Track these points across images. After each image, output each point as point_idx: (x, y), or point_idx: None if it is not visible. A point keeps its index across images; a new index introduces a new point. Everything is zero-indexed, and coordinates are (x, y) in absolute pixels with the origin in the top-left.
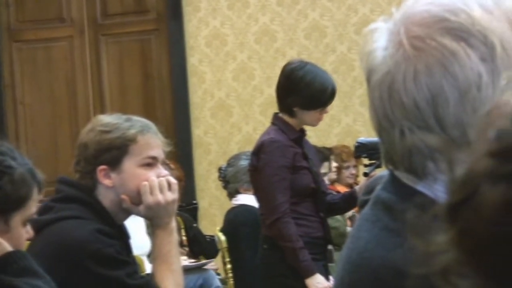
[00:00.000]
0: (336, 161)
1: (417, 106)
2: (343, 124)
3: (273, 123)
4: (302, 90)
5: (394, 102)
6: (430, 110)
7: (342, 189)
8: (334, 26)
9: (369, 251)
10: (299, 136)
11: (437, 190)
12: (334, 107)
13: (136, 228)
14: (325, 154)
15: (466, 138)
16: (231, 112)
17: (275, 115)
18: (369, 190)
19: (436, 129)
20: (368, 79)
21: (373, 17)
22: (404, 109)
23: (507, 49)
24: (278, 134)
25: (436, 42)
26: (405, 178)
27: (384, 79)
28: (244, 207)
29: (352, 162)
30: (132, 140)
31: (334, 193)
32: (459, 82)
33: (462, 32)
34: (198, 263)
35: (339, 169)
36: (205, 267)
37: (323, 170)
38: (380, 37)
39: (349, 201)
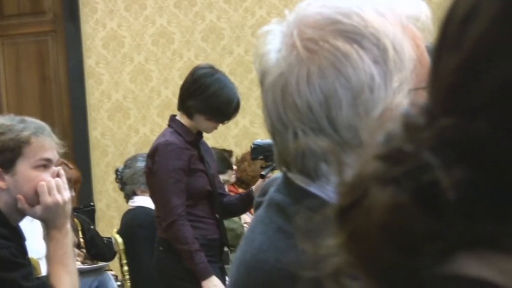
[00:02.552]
0: (252, 172)
1: (310, 108)
2: (240, 126)
3: (169, 125)
4: (207, 98)
5: (287, 104)
6: (323, 112)
7: (243, 190)
8: (231, 28)
9: (263, 253)
10: (196, 139)
11: (330, 191)
12: None
13: (32, 231)
14: (229, 162)
15: (359, 140)
16: (128, 114)
17: (172, 117)
18: (264, 192)
19: (329, 131)
20: (262, 81)
21: (270, 19)
22: (298, 111)
23: (399, 52)
24: (174, 137)
25: (329, 44)
26: (298, 179)
27: (277, 81)
28: (141, 209)
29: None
30: (25, 142)
31: (233, 194)
32: (352, 84)
33: (355, 34)
34: (94, 266)
35: (253, 177)
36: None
37: (226, 177)
38: (274, 39)
39: (246, 201)
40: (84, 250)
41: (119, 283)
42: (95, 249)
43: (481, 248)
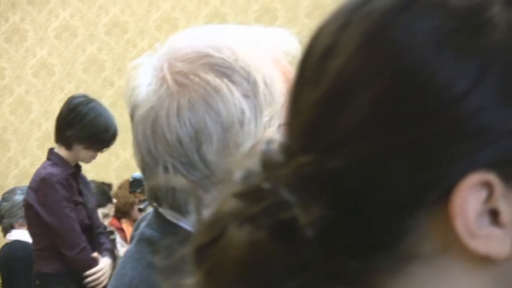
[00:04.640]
0: (124, 198)
1: (180, 142)
2: (121, 159)
3: (48, 158)
4: (85, 127)
5: (157, 138)
6: (193, 146)
7: (127, 225)
8: (113, 60)
9: None
10: (75, 171)
11: None
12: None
13: None
14: (109, 195)
15: (228, 175)
16: (8, 146)
17: (50, 150)
18: (137, 227)
19: (200, 165)
20: (132, 115)
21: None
22: (168, 145)
23: (270, 86)
24: (54, 169)
25: (199, 78)
26: (169, 214)
27: (147, 115)
28: (19, 243)
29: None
30: None
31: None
32: (222, 118)
33: (225, 68)
34: None
35: (130, 205)
36: None
37: (106, 210)
38: (144, 73)
39: None
40: None
41: None
42: None
43: (340, 286)
